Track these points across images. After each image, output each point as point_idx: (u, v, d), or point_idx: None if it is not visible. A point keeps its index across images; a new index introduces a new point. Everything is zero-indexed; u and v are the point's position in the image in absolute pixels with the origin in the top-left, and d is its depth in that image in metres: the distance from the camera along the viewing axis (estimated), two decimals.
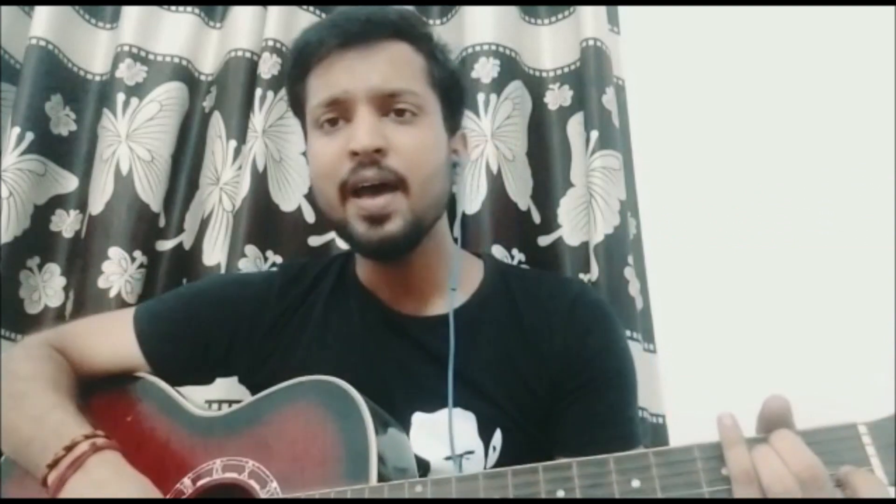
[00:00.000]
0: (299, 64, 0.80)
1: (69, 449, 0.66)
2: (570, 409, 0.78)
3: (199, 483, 0.69)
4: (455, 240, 0.84)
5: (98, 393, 0.80)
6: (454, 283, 0.80)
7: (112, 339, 0.83)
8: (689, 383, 1.11)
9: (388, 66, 0.75)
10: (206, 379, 0.88)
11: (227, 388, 1.03)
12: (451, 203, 0.84)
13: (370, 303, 0.83)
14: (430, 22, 1.29)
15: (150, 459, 0.70)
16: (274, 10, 1.25)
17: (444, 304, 0.81)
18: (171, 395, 0.80)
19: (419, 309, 0.82)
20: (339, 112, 0.75)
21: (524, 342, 0.80)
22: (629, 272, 1.11)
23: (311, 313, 0.84)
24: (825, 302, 1.17)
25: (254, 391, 0.85)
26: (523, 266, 1.12)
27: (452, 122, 0.83)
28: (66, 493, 0.64)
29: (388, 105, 0.75)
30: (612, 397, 0.79)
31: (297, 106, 0.83)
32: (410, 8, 0.89)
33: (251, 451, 0.69)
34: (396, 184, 0.73)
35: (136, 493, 0.64)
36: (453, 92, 0.82)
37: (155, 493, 0.66)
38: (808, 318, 1.16)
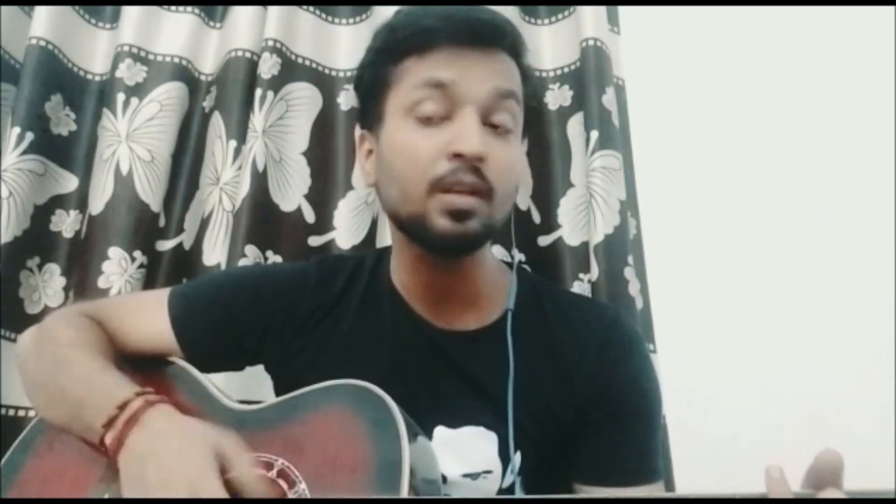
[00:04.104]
0: (395, 46, 0.76)
1: (122, 407, 0.66)
2: (591, 438, 0.77)
3: (226, 476, 0.67)
4: (510, 264, 0.85)
5: (130, 374, 0.78)
6: (511, 302, 0.80)
7: (146, 322, 0.82)
8: (689, 383, 1.11)
9: (503, 71, 0.75)
10: (237, 367, 0.88)
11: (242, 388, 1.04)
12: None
13: (402, 310, 0.82)
14: None
15: None
16: (274, 10, 1.25)
17: (477, 318, 0.81)
18: (203, 384, 0.79)
19: (452, 321, 0.81)
20: (441, 104, 0.73)
21: (553, 366, 0.79)
22: (629, 272, 1.11)
23: (346, 313, 0.83)
24: (825, 301, 1.17)
25: (279, 383, 0.86)
26: (560, 287, 1.11)
27: (521, 139, 0.83)
28: (127, 450, 0.63)
29: (491, 114, 0.74)
30: (635, 430, 0.78)
31: (376, 88, 0.78)
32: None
33: (281, 450, 0.68)
34: (486, 192, 0.72)
35: (200, 437, 0.63)
36: (528, 112, 0.82)
37: (216, 435, 0.64)
38: (809, 318, 1.16)
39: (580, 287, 1.13)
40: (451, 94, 0.73)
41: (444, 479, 0.75)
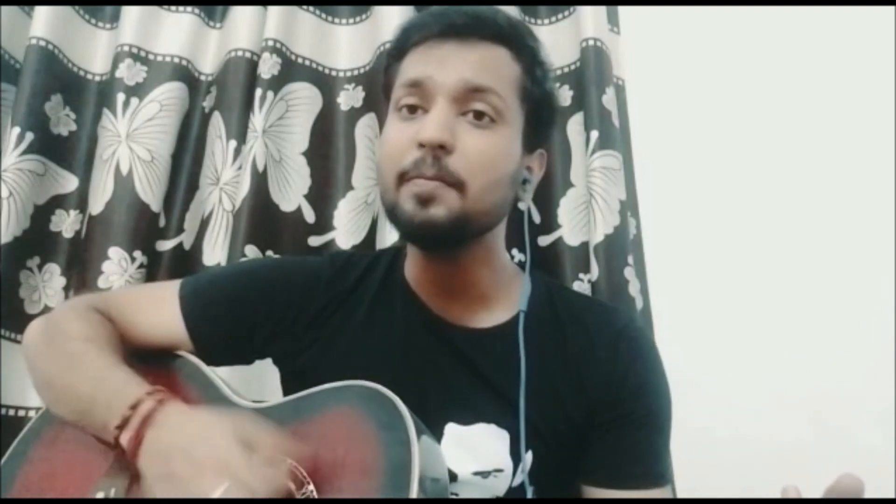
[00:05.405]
0: (397, 47, 0.80)
1: (134, 407, 0.65)
2: (601, 440, 0.77)
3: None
4: (521, 264, 0.85)
5: (137, 368, 0.77)
6: (524, 304, 0.80)
7: (157, 314, 0.82)
8: (689, 384, 1.11)
9: (480, 63, 0.74)
10: (246, 360, 0.88)
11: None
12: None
13: (415, 306, 0.82)
14: None
15: None
16: (274, 10, 1.25)
17: (491, 317, 0.81)
18: (212, 380, 0.79)
19: (464, 319, 0.81)
20: (420, 99, 0.75)
21: (566, 367, 0.79)
22: (629, 272, 1.11)
23: (357, 308, 0.83)
24: (825, 301, 1.17)
25: (288, 376, 0.86)
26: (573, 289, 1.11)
27: (533, 139, 0.81)
28: (147, 449, 0.63)
29: (469, 103, 0.73)
30: (645, 433, 0.78)
31: (387, 89, 0.82)
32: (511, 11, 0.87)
33: None
34: (453, 184, 0.72)
35: (218, 423, 0.62)
36: (542, 111, 0.81)
37: (233, 419, 0.63)
38: (809, 318, 1.16)
39: (580, 287, 1.13)
40: (426, 89, 0.74)
41: (455, 476, 0.74)
